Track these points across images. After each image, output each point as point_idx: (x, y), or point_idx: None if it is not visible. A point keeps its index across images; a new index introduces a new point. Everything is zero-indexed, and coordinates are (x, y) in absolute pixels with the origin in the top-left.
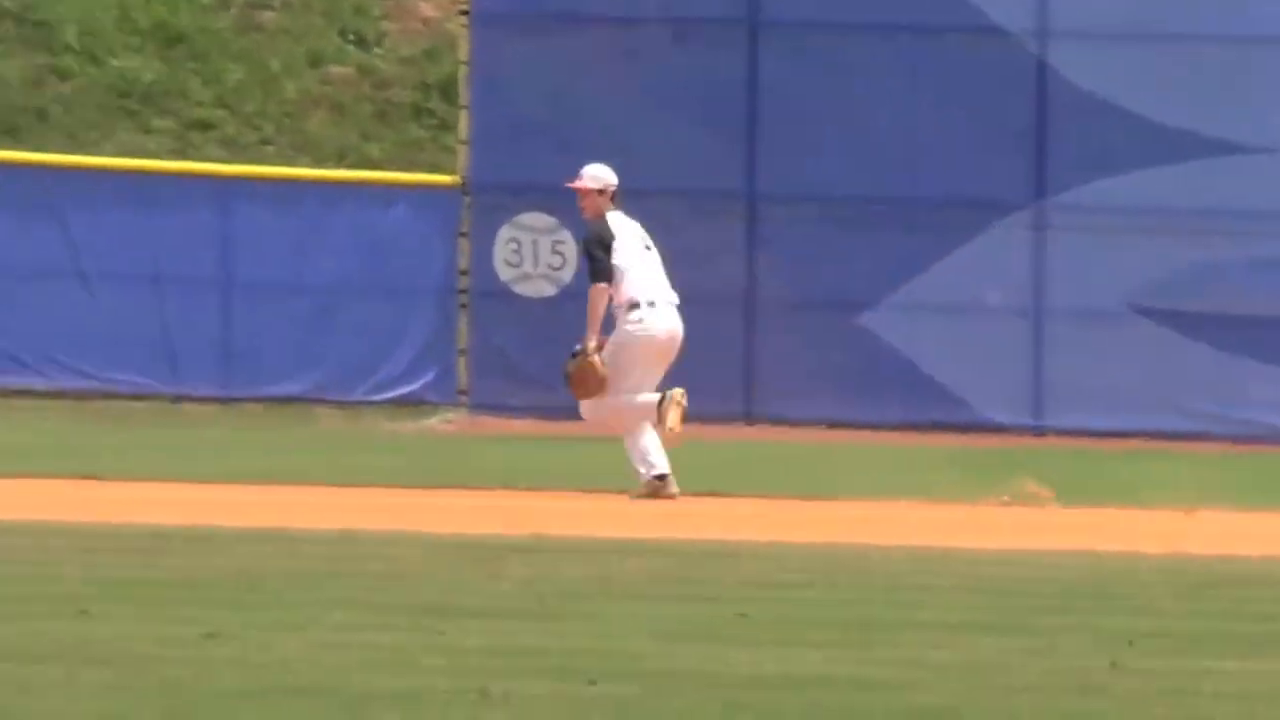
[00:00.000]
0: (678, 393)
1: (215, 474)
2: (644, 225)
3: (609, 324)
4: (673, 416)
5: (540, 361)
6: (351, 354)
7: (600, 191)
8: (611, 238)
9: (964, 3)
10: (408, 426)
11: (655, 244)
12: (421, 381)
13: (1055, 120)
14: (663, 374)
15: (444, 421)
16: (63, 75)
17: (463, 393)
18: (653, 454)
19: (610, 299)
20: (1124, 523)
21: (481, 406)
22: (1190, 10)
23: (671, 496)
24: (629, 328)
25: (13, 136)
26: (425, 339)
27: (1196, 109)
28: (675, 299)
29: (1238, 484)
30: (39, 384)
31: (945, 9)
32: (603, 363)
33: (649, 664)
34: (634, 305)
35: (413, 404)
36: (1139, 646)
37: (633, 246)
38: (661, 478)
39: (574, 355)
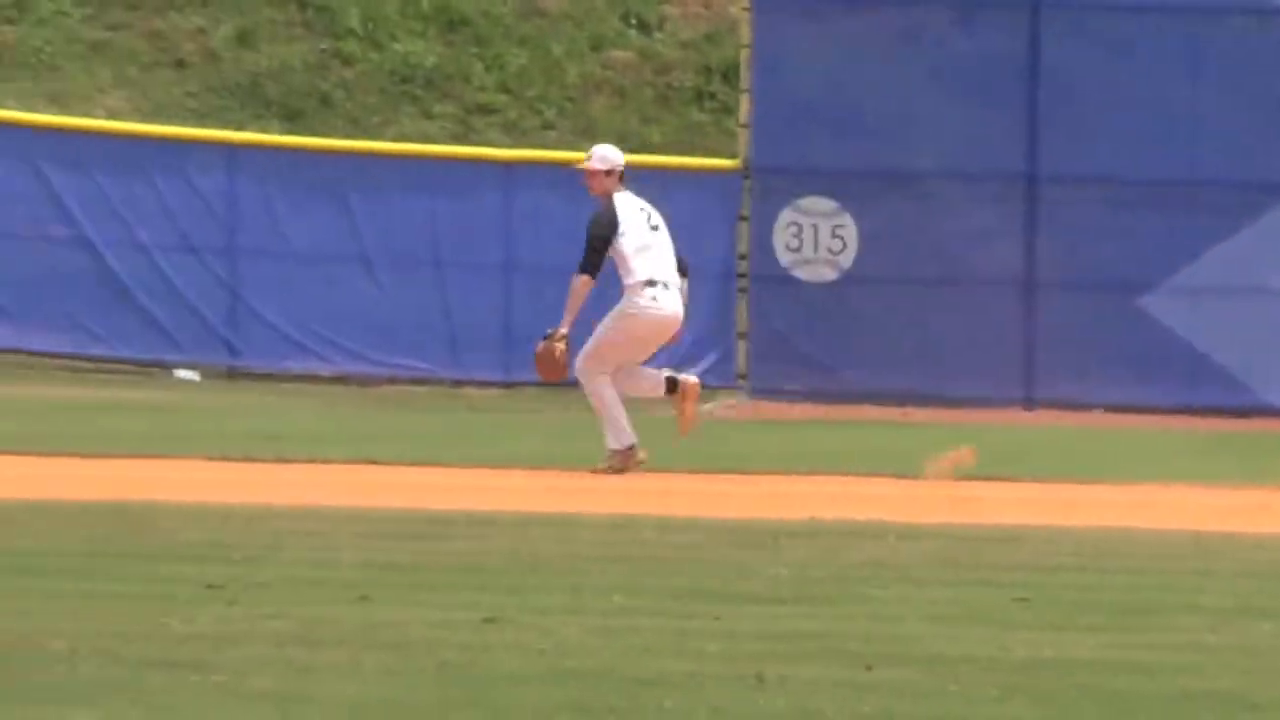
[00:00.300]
0: (694, 385)
1: (496, 458)
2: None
3: (612, 297)
4: (692, 409)
5: (820, 346)
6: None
7: (608, 173)
8: (617, 224)
9: None
10: (700, 412)
11: (667, 223)
12: (701, 367)
13: None
14: (654, 352)
15: (724, 406)
16: (346, 60)
17: (742, 377)
18: (625, 425)
19: (620, 275)
20: None
21: (761, 391)
22: None
23: (641, 463)
24: (642, 303)
25: (296, 122)
26: (704, 324)
27: None
28: (681, 283)
29: None
30: (323, 369)
31: None
32: (565, 350)
33: (925, 648)
34: (650, 284)
35: (697, 389)
36: None
37: (641, 226)
38: (631, 448)
39: (546, 337)
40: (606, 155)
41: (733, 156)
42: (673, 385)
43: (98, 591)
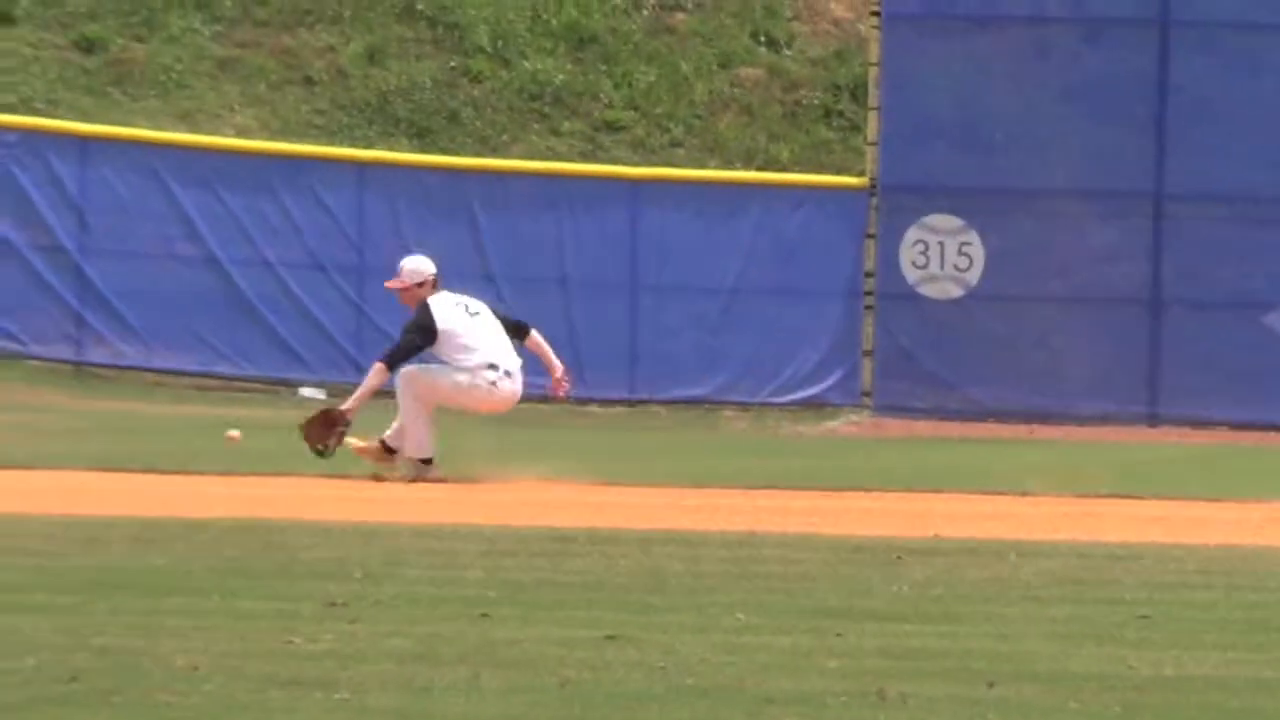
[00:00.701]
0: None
1: (620, 475)
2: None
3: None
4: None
5: (945, 363)
6: (757, 356)
7: (420, 285)
8: (434, 332)
9: None
10: (812, 429)
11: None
12: (826, 384)
13: None
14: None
15: (848, 423)
16: (474, 78)
17: (867, 394)
18: (431, 440)
19: (453, 351)
20: None
21: (886, 408)
22: None
23: (442, 479)
24: (481, 383)
25: (424, 139)
26: (831, 341)
27: None
28: (520, 362)
29: None
30: None
31: None
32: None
33: (1047, 665)
34: (493, 367)
35: (816, 406)
36: None
37: (461, 319)
38: (428, 461)
39: (330, 412)
40: (417, 269)
41: (860, 174)
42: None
43: (224, 609)
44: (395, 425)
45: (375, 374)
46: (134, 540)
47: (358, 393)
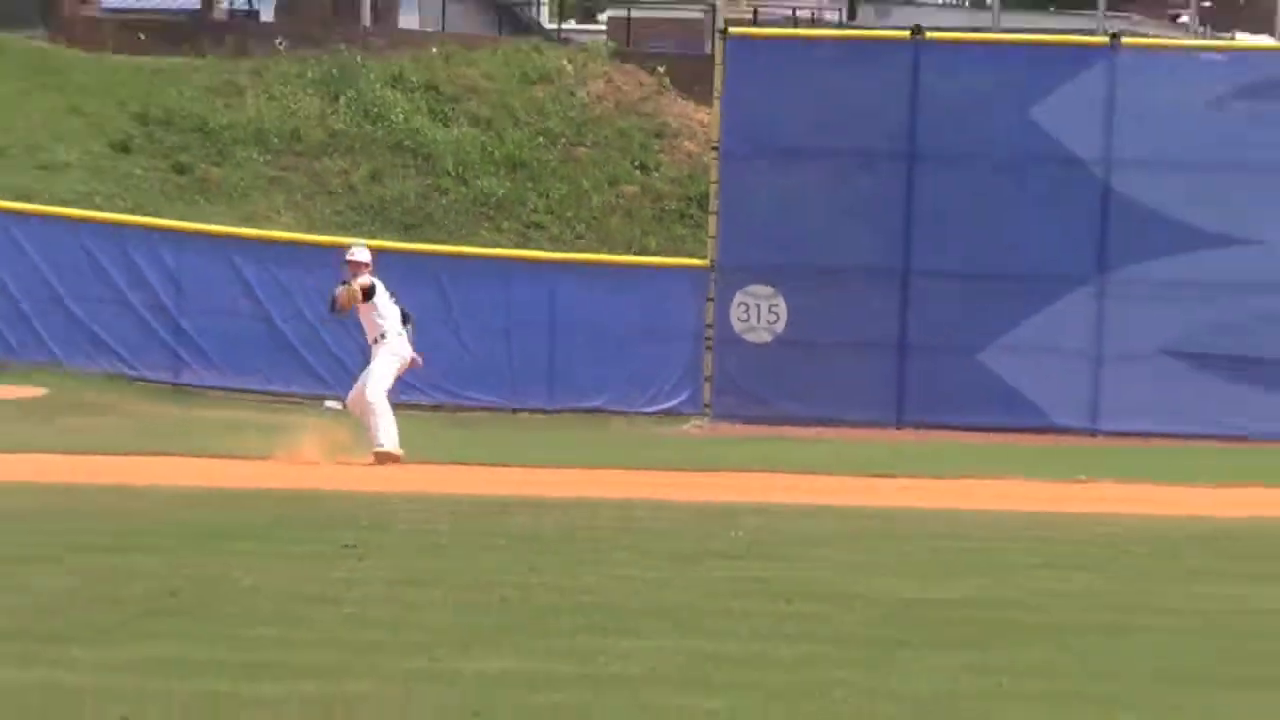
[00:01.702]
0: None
1: (541, 461)
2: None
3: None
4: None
5: (760, 386)
6: (634, 379)
7: (367, 264)
8: (374, 287)
9: None
10: (670, 430)
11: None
12: (680, 399)
13: None
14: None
15: (694, 426)
16: (443, 191)
17: (707, 406)
18: (394, 432)
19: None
20: None
21: (720, 416)
22: None
23: (399, 459)
24: (402, 338)
25: (409, 232)
26: (683, 370)
27: None
28: (408, 329)
29: (1255, 470)
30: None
31: None
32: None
33: (836, 589)
34: (398, 333)
35: (673, 414)
36: None
37: (383, 289)
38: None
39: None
40: (366, 254)
41: (704, 258)
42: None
43: (273, 550)
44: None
45: (357, 296)
46: (214, 502)
47: (350, 294)
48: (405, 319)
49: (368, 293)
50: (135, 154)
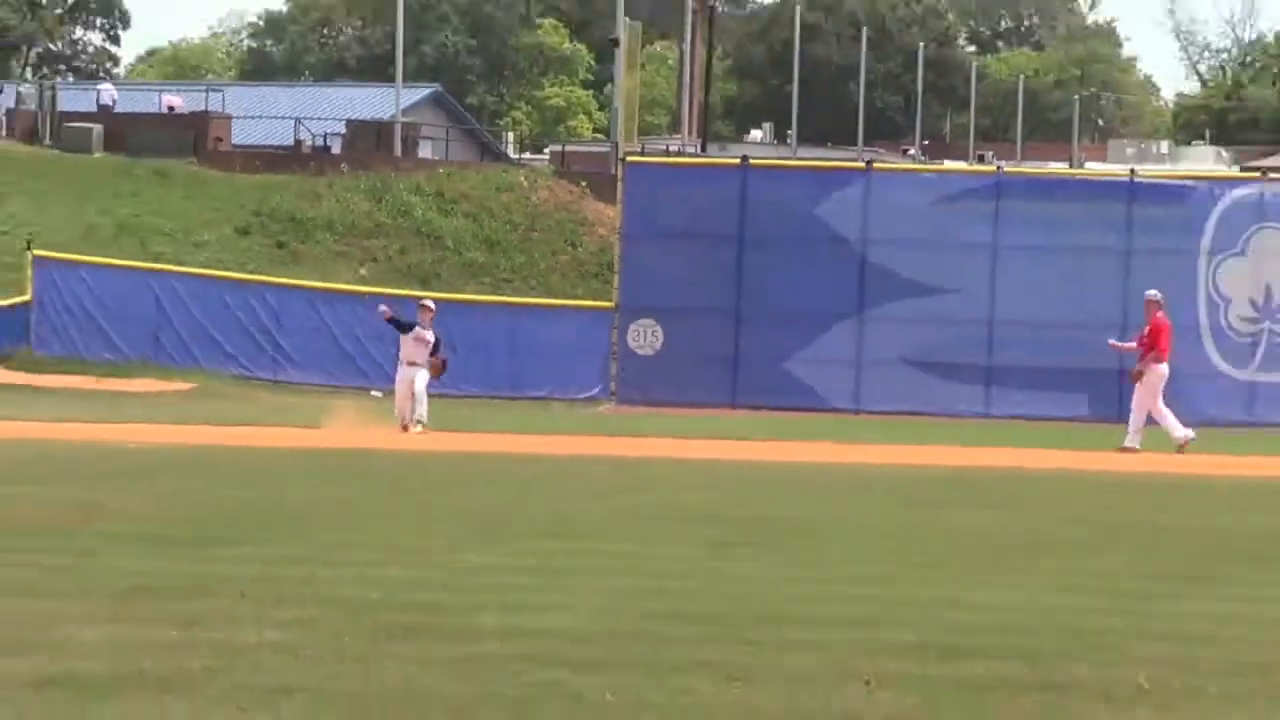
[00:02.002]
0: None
1: (506, 429)
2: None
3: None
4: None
5: (647, 382)
6: (569, 377)
7: (433, 310)
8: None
9: None
10: (590, 410)
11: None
12: (597, 390)
13: None
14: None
15: (606, 408)
16: (445, 261)
17: (614, 394)
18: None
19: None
20: None
21: (622, 402)
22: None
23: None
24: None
25: (425, 286)
26: (599, 371)
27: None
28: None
29: (964, 435)
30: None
31: None
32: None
33: (686, 510)
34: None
35: (594, 400)
36: None
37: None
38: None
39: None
40: (433, 302)
41: (611, 301)
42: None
43: (339, 492)
44: (417, 412)
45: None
46: (296, 454)
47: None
48: (435, 347)
49: (440, 368)
50: (252, 235)
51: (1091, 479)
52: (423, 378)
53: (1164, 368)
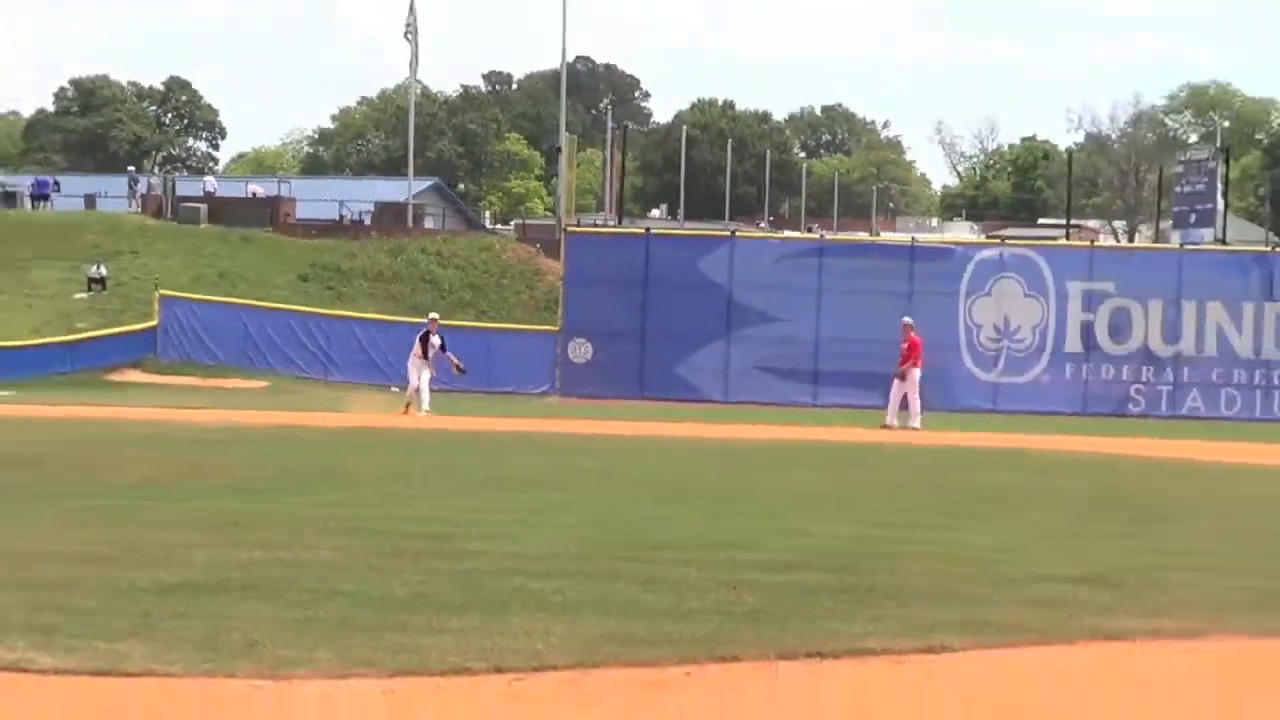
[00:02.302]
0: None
1: (483, 414)
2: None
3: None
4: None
5: (583, 381)
6: (529, 378)
7: (437, 319)
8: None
9: None
10: (542, 401)
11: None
12: (547, 387)
13: None
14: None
15: (554, 400)
16: (444, 299)
17: (558, 389)
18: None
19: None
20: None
21: (565, 395)
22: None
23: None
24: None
25: (457, 317)
26: (548, 374)
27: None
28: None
29: (804, 418)
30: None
31: None
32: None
33: (632, 476)
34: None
35: (543, 394)
36: None
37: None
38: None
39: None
40: (437, 315)
41: (556, 326)
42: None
43: (364, 462)
44: (422, 397)
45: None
46: (343, 434)
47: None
48: (443, 348)
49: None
50: (310, 282)
51: (882, 449)
52: (427, 376)
53: (917, 371)
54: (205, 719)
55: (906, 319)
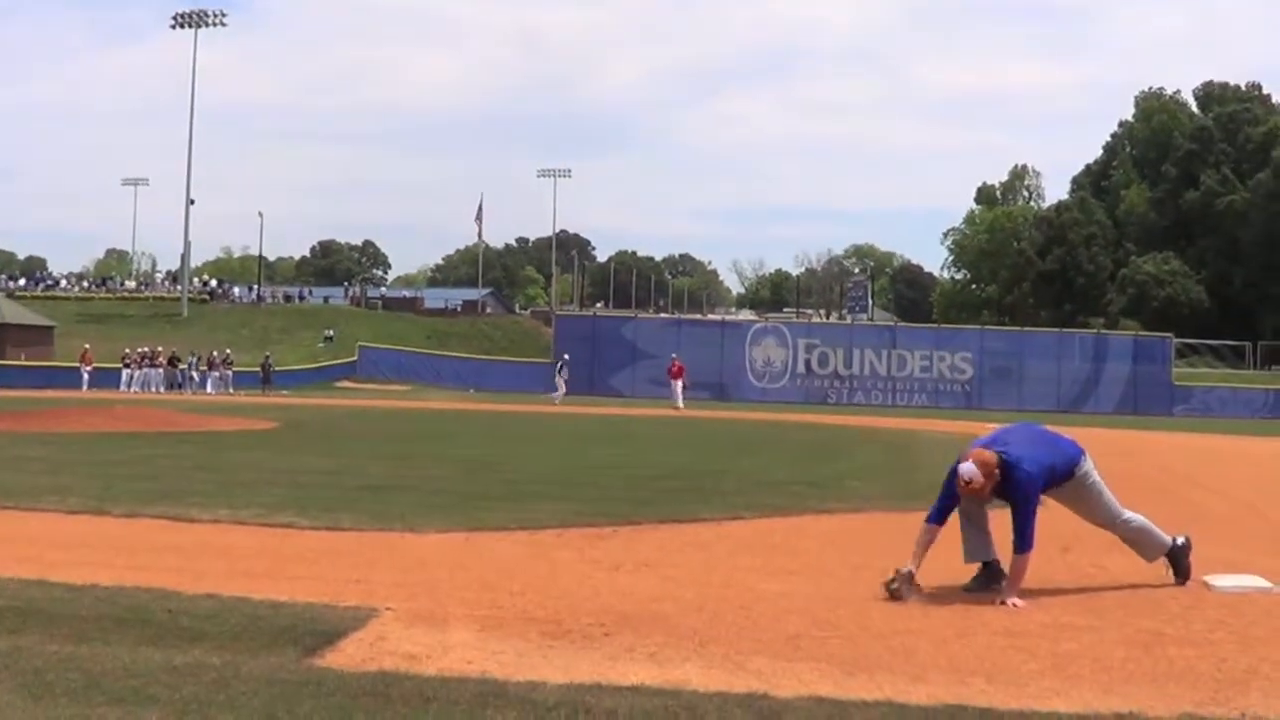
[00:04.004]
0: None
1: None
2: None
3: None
4: None
5: (568, 386)
6: (537, 386)
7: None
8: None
9: None
10: (544, 401)
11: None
12: (547, 392)
13: None
14: None
15: (554, 401)
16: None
17: (555, 392)
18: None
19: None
20: None
21: (559, 398)
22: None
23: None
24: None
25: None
26: (549, 382)
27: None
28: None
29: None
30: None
31: None
32: None
33: (558, 466)
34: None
35: (546, 394)
36: None
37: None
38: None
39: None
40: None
41: (548, 356)
42: None
43: (399, 447)
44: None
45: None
46: (446, 416)
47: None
48: (564, 369)
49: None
50: (430, 338)
51: (698, 421)
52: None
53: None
54: (375, 551)
55: (674, 355)
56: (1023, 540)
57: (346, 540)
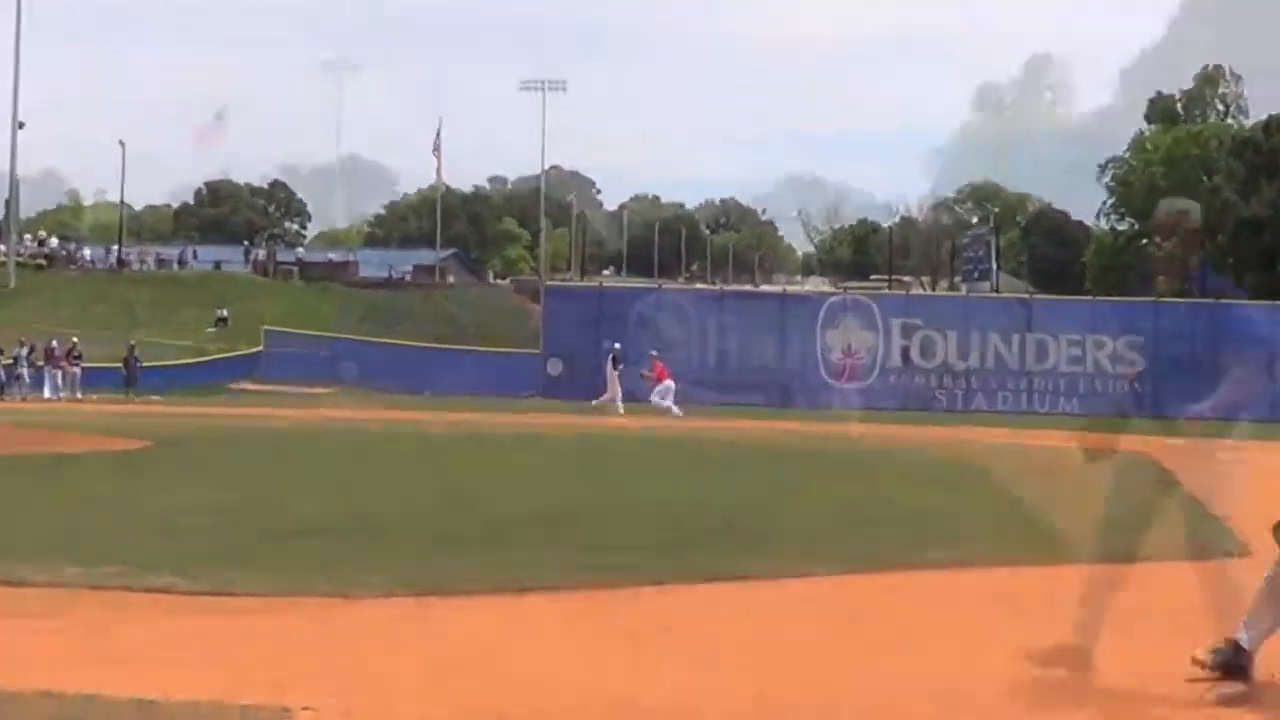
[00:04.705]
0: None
1: (495, 409)
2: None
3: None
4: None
5: (557, 387)
6: (524, 385)
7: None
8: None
9: None
10: (531, 400)
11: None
12: (535, 390)
13: None
14: None
15: (537, 401)
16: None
17: (541, 393)
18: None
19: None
20: None
21: (546, 396)
22: None
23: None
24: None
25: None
26: (535, 382)
27: None
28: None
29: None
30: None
31: None
32: None
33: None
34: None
35: (533, 395)
36: None
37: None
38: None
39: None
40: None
41: (539, 350)
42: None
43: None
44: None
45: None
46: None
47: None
48: (616, 363)
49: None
50: (366, 320)
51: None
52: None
53: (669, 382)
54: (288, 625)
55: (653, 352)
56: None
57: (246, 610)
